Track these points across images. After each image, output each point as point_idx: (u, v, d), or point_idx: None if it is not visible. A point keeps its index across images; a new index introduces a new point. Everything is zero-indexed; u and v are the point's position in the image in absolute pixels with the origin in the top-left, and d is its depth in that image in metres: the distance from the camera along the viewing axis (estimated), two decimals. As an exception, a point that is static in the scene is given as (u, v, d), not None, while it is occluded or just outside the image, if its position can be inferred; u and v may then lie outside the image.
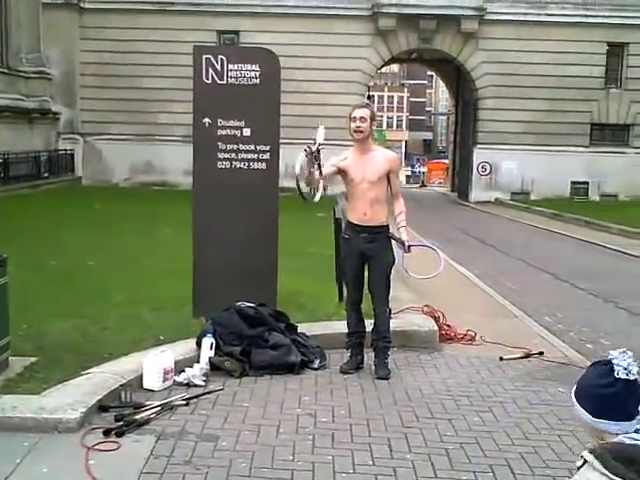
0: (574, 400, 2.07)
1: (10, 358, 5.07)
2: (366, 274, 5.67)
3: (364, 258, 5.57)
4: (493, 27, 26.39)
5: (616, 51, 26.88)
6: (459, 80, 30.63)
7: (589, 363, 5.96)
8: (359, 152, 5.51)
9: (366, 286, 5.72)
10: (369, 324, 5.74)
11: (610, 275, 11.44)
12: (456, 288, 9.71)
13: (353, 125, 5.45)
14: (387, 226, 5.59)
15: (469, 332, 6.77)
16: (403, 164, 71.47)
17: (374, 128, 5.61)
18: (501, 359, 6.11)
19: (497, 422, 4.70)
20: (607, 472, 1.80)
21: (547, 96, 26.22)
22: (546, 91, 26.15)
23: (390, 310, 5.81)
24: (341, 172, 5.53)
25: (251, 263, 6.41)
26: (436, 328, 6.59)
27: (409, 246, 5.64)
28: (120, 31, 24.97)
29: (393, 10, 25.84)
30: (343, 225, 6.11)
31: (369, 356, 5.94)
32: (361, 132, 5.44)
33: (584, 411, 2.03)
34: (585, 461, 1.88)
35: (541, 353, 6.30)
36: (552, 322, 7.90)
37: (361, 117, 5.44)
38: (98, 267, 9.04)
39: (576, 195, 26.63)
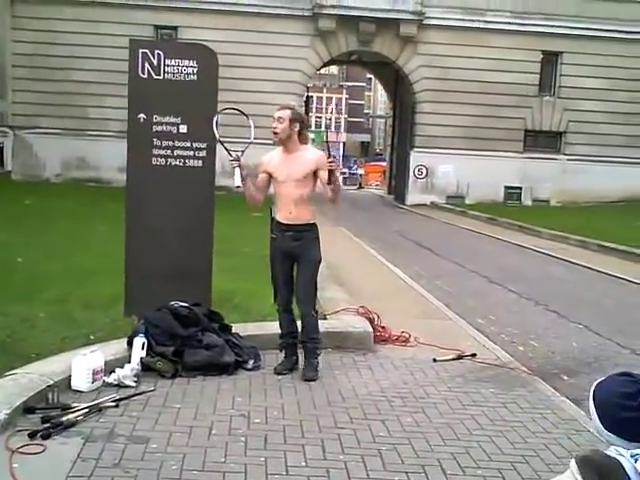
0: (591, 398, 2.06)
1: None
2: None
3: (291, 257, 5.53)
4: (431, 32, 26.75)
5: (550, 59, 27.59)
6: (397, 83, 30.96)
7: (519, 365, 6.06)
8: (284, 152, 5.48)
9: None
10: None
11: (541, 279, 11.69)
12: (391, 290, 9.77)
13: (273, 126, 5.42)
14: (313, 224, 5.53)
15: (403, 333, 6.79)
16: (341, 166, 71.89)
17: (295, 130, 5.39)
18: (434, 360, 6.15)
19: (430, 423, 4.73)
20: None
21: (483, 102, 26.69)
22: (482, 97, 26.61)
23: (317, 312, 5.77)
24: (270, 175, 5.53)
25: (185, 262, 6.32)
26: (371, 329, 6.60)
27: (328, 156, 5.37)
28: (54, 22, 24.44)
29: (333, 11, 25.97)
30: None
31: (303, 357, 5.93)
32: (276, 133, 5.39)
33: (599, 421, 2.04)
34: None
35: (474, 355, 6.37)
36: (485, 324, 8.01)
37: (279, 117, 5.39)
38: (27, 264, 8.79)
39: (509, 200, 27.19)
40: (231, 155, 5.37)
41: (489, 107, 26.79)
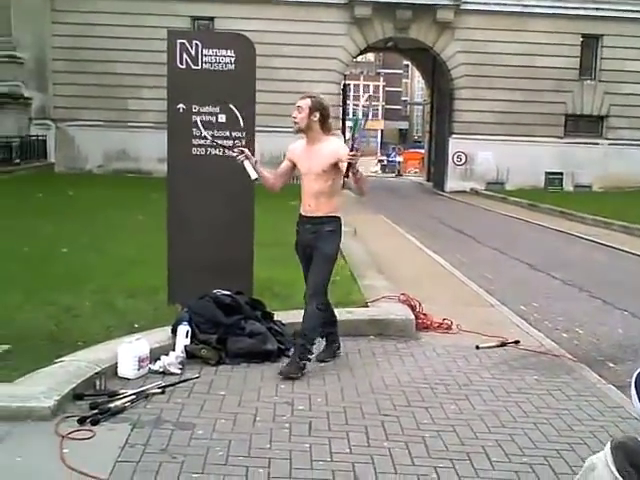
0: (633, 384, 2.05)
1: (-19, 346, 5.00)
2: None
3: (309, 251, 5.35)
4: (469, 17, 26.46)
5: (590, 43, 27.12)
6: (435, 70, 30.68)
7: (564, 352, 5.99)
8: (307, 143, 5.33)
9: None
10: (343, 312, 5.66)
11: (585, 265, 11.54)
12: (432, 277, 9.73)
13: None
14: (334, 218, 5.30)
15: (445, 321, 6.76)
16: (379, 153, 71.60)
17: (314, 119, 5.18)
18: (477, 348, 6.11)
19: (474, 410, 4.70)
20: (613, 468, 1.80)
21: (522, 87, 26.37)
22: (521, 82, 26.29)
23: (321, 310, 5.33)
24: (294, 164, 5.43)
25: (227, 251, 6.35)
26: (413, 317, 6.58)
27: (352, 148, 4.99)
28: (91, 15, 24.66)
29: (369, -2, 25.79)
30: None
31: (347, 344, 5.94)
32: (295, 122, 5.24)
33: (637, 399, 2.02)
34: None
35: (517, 342, 6.32)
36: (528, 311, 7.94)
37: (298, 106, 5.24)
38: (71, 254, 8.93)
39: (550, 185, 26.84)
40: (233, 151, 5.29)
41: (529, 92, 26.44)
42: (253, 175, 5.26)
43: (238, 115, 5.76)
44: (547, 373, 5.55)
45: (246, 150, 5.32)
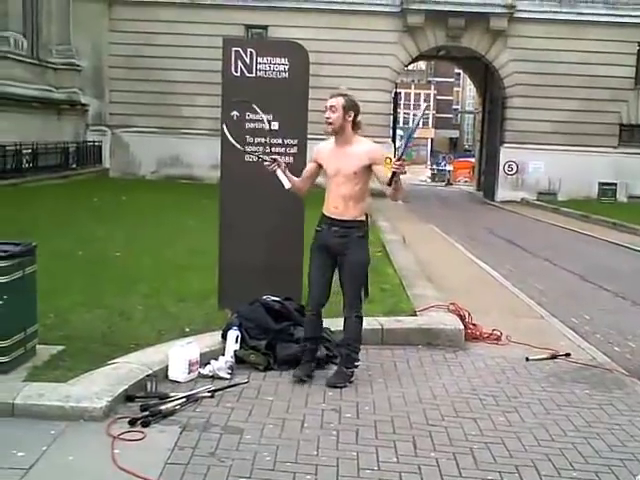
0: None
1: (37, 346, 5.11)
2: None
3: (332, 255, 5.14)
4: (522, 25, 26.20)
5: (647, 51, 26.57)
6: (487, 78, 30.44)
7: (616, 365, 5.89)
8: (336, 144, 5.12)
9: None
10: (392, 320, 5.61)
11: (636, 277, 11.31)
12: (482, 287, 9.65)
13: (324, 116, 5.04)
14: (362, 222, 5.13)
15: (495, 331, 6.70)
16: (429, 162, 71.22)
17: (349, 119, 5.03)
18: (527, 359, 6.04)
19: (523, 423, 4.65)
20: None
21: (576, 96, 26.00)
22: (575, 91, 25.93)
23: (361, 317, 5.29)
24: (321, 166, 5.23)
25: (277, 257, 6.40)
26: (462, 327, 6.53)
27: (399, 158, 4.85)
28: (148, 24, 25.09)
29: (422, 7, 25.76)
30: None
31: (396, 353, 5.93)
32: (330, 123, 5.02)
33: None
34: None
35: (568, 354, 6.23)
36: (579, 324, 7.82)
37: (331, 106, 5.02)
38: (124, 258, 9.09)
39: (603, 196, 26.35)
40: (266, 160, 5.16)
41: (582, 101, 26.06)
42: (287, 185, 5.16)
43: (264, 118, 5.71)
44: (598, 387, 5.47)
45: (278, 158, 5.22)
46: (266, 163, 5.17)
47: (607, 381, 5.63)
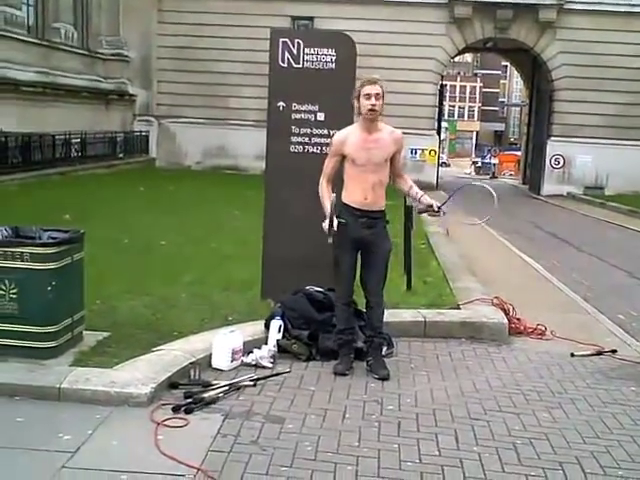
0: None
1: (84, 332, 5.20)
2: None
3: (360, 246, 5.14)
4: (572, 17, 25.72)
5: (699, 43, 25.89)
6: (535, 71, 29.97)
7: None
8: (366, 132, 5.05)
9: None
10: (435, 313, 5.62)
11: (687, 275, 11.07)
12: (527, 281, 9.54)
13: (367, 103, 4.94)
14: (385, 211, 5.18)
15: (539, 326, 6.62)
16: (474, 155, 70.63)
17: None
18: (572, 355, 5.96)
19: (567, 419, 4.59)
20: None
21: (626, 89, 25.46)
22: (625, 84, 25.39)
23: (384, 303, 5.35)
24: (343, 157, 5.13)
25: (321, 249, 6.37)
26: (506, 321, 6.47)
27: (439, 207, 5.12)
28: (196, 15, 25.23)
29: (470, -2, 25.44)
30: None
31: (438, 346, 5.91)
32: (375, 111, 4.97)
33: None
34: None
35: (614, 351, 6.12)
36: (626, 320, 7.67)
37: (376, 94, 4.96)
38: (169, 247, 9.19)
39: (652, 191, 25.78)
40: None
41: (632, 94, 25.50)
42: (330, 241, 5.04)
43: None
44: (645, 385, 5.37)
45: (335, 223, 5.01)
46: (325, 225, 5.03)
47: (655, 379, 5.53)
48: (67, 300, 4.92)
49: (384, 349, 5.43)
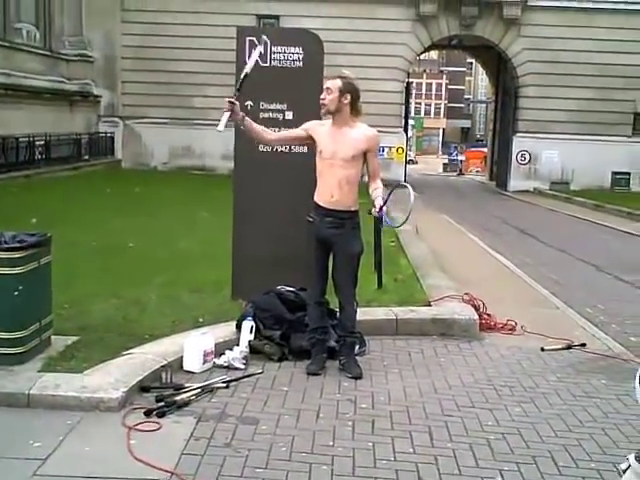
0: (637, 383, 2.01)
1: (52, 337, 5.13)
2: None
3: (328, 245, 5.10)
4: (536, 13, 26.04)
5: (662, 39, 26.30)
6: (500, 67, 30.31)
7: (632, 356, 5.84)
8: (333, 126, 5.04)
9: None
10: (406, 310, 5.64)
11: (654, 268, 11.23)
12: (496, 277, 9.62)
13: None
14: (355, 212, 5.10)
15: (509, 322, 6.67)
16: (440, 152, 71.08)
17: (345, 102, 4.97)
18: (542, 350, 6.02)
19: (539, 413, 4.63)
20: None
21: (590, 84, 25.82)
22: (589, 79, 25.75)
23: (357, 303, 5.35)
24: (311, 140, 5.14)
25: (291, 247, 6.37)
26: (476, 317, 6.51)
27: (380, 207, 4.98)
28: (159, 14, 25.07)
29: (435, -5, 25.58)
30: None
31: (410, 343, 5.92)
32: (324, 105, 4.99)
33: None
34: (629, 465, 1.83)
35: (583, 345, 6.20)
36: (594, 314, 7.76)
37: (327, 88, 4.98)
38: (138, 249, 9.09)
39: (617, 186, 26.19)
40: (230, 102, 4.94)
41: (596, 90, 25.87)
42: (220, 127, 4.84)
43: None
44: (615, 377, 5.43)
45: (237, 104, 4.97)
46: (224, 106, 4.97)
47: (624, 371, 5.57)
48: (34, 305, 4.83)
49: (356, 348, 5.42)
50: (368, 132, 5.10)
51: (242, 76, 5.04)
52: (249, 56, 6.29)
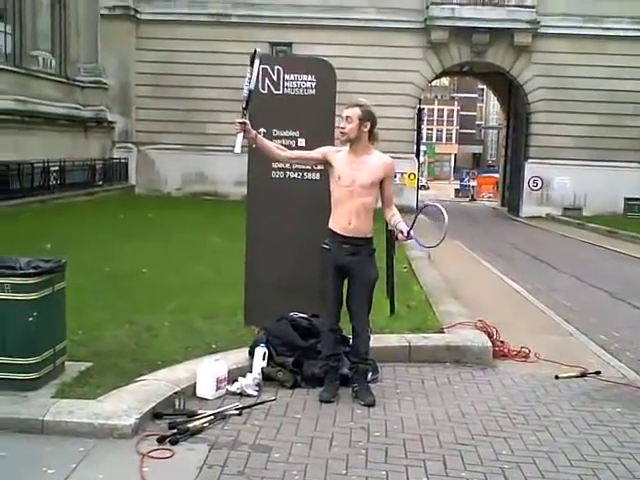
0: None
1: (66, 363, 5.14)
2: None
3: (344, 272, 5.12)
4: (547, 41, 26.12)
5: (673, 66, 26.33)
6: (511, 93, 30.36)
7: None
8: (351, 153, 5.07)
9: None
10: (419, 337, 5.62)
11: (667, 294, 11.15)
12: (509, 304, 9.58)
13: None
14: (371, 239, 5.15)
15: (523, 349, 6.64)
16: (452, 178, 71.14)
17: (365, 130, 5.03)
18: (557, 377, 5.98)
19: (554, 442, 4.59)
20: None
21: (601, 111, 25.84)
22: (600, 106, 25.76)
23: (371, 330, 5.38)
24: (328, 165, 5.15)
25: (304, 274, 6.37)
26: (490, 344, 6.47)
27: (408, 231, 4.97)
28: (174, 42, 25.33)
29: (446, 23, 25.76)
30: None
31: (423, 371, 5.90)
32: (344, 133, 5.02)
33: None
34: None
35: (598, 372, 6.15)
36: (608, 341, 7.71)
37: (347, 117, 5.02)
38: (151, 274, 9.13)
39: (630, 212, 26.06)
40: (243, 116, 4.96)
41: (608, 116, 25.88)
42: (236, 149, 4.89)
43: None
44: (630, 405, 5.38)
45: (248, 123, 4.98)
46: (239, 120, 4.98)
47: (639, 399, 5.54)
48: (49, 331, 4.85)
49: (369, 375, 5.40)
50: (386, 159, 5.13)
51: (245, 93, 5.01)
52: (262, 85, 6.39)
